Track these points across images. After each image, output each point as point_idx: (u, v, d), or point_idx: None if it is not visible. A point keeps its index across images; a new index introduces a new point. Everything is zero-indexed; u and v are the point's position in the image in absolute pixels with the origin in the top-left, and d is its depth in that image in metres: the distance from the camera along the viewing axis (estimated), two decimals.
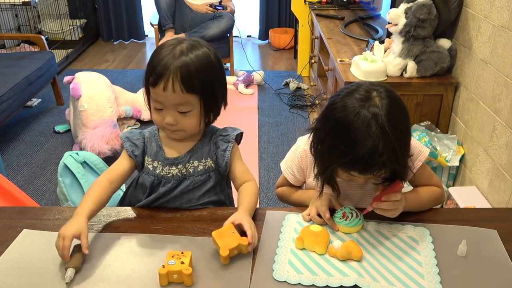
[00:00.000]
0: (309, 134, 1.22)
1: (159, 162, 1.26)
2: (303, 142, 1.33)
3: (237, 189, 1.31)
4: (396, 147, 1.06)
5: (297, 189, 1.42)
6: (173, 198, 1.27)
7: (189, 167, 1.26)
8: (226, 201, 1.37)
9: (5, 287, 1.02)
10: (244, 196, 1.25)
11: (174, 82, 1.13)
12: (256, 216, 1.23)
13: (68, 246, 1.04)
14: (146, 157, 1.27)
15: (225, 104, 1.27)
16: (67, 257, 1.05)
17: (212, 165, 1.28)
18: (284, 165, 1.39)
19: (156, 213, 1.25)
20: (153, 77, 1.14)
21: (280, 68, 4.68)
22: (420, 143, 1.32)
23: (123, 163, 1.28)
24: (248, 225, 1.10)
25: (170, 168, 1.25)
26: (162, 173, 1.26)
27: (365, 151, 1.04)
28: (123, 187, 2.63)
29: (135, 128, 1.30)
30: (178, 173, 1.26)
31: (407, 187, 1.34)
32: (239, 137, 1.31)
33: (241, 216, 1.13)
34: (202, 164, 1.27)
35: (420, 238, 1.16)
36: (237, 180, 1.31)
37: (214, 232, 1.08)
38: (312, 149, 1.20)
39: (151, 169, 1.27)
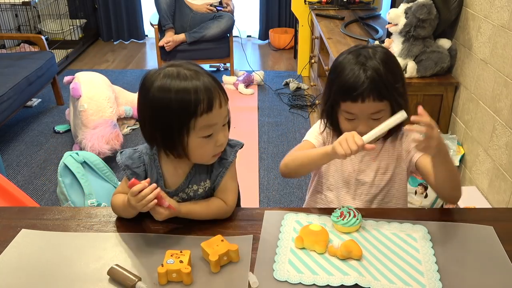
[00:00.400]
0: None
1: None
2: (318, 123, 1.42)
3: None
4: (383, 72, 1.20)
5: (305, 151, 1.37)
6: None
7: (189, 191, 1.23)
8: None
9: (4, 287, 1.02)
10: (200, 201, 1.22)
11: (220, 96, 1.13)
12: (255, 216, 1.23)
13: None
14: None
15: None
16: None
17: (210, 185, 1.24)
18: (311, 134, 1.44)
19: None
20: (204, 103, 1.08)
21: (280, 68, 4.68)
22: None
23: (125, 185, 1.20)
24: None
25: (171, 197, 1.20)
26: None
27: (354, 73, 1.21)
28: None
29: (136, 152, 1.22)
30: (179, 200, 1.23)
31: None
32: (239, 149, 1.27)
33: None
34: (201, 187, 1.23)
35: (418, 236, 1.16)
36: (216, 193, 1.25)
37: (203, 243, 1.07)
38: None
39: None
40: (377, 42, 2.56)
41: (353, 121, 1.26)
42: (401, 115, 1.16)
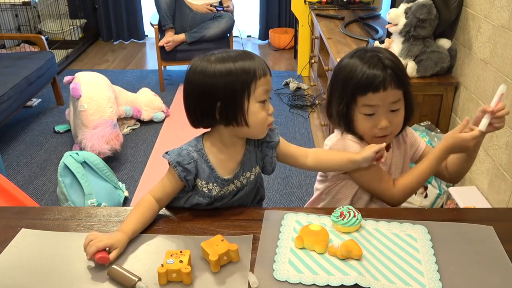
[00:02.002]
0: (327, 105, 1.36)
1: (215, 184, 1.23)
2: (339, 136, 1.36)
3: (309, 165, 1.34)
4: (397, 61, 1.26)
5: (414, 167, 1.36)
6: (223, 206, 1.28)
7: (243, 179, 1.27)
8: (262, 194, 1.41)
9: (4, 287, 1.02)
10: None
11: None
12: (255, 216, 1.23)
13: (94, 253, 1.06)
14: (198, 180, 1.22)
15: None
16: (89, 255, 1.07)
17: (259, 170, 1.31)
18: None
19: None
20: (260, 70, 1.18)
21: (280, 68, 4.68)
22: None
23: (172, 184, 1.22)
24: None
25: (228, 186, 1.24)
26: (219, 194, 1.24)
27: (371, 63, 1.23)
28: (124, 188, 2.64)
29: (183, 149, 1.22)
30: (234, 188, 1.26)
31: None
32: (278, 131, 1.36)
33: None
34: (253, 173, 1.28)
35: (418, 236, 1.16)
36: (298, 157, 1.34)
37: (203, 243, 1.07)
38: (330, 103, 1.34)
39: (207, 191, 1.23)
40: (377, 42, 2.56)
41: (372, 117, 1.26)
42: (502, 88, 1.23)
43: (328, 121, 1.40)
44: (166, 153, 1.23)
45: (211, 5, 4.19)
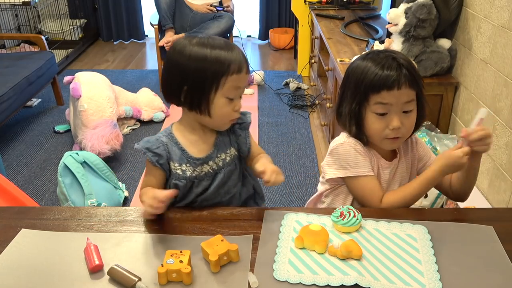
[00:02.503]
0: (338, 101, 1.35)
1: (187, 165, 1.24)
2: (343, 140, 1.34)
3: (252, 165, 1.33)
4: (410, 62, 1.25)
5: (402, 186, 1.34)
6: (210, 195, 1.28)
7: (218, 161, 1.28)
8: (259, 191, 1.42)
9: (4, 287, 1.02)
10: (262, 157, 1.33)
11: (247, 65, 1.23)
12: (255, 216, 1.23)
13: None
14: (171, 164, 1.25)
15: None
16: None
17: (236, 152, 1.32)
18: (355, 170, 1.31)
19: None
20: (235, 64, 1.18)
21: (280, 68, 4.68)
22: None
23: (152, 172, 1.26)
24: (271, 167, 1.20)
25: (202, 167, 1.26)
26: (193, 174, 1.25)
27: (386, 62, 1.22)
28: (124, 188, 2.64)
29: (152, 137, 1.27)
30: (210, 170, 1.27)
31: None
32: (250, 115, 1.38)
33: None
34: (228, 155, 1.30)
35: (418, 236, 1.16)
36: (253, 157, 1.34)
37: (203, 243, 1.07)
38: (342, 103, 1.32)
39: (180, 173, 1.24)
40: (377, 42, 2.56)
41: (384, 117, 1.24)
42: (482, 112, 1.23)
43: (337, 122, 1.37)
44: (137, 143, 1.27)
45: (211, 5, 4.19)
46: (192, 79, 1.18)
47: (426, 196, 2.23)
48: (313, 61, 4.02)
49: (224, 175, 1.28)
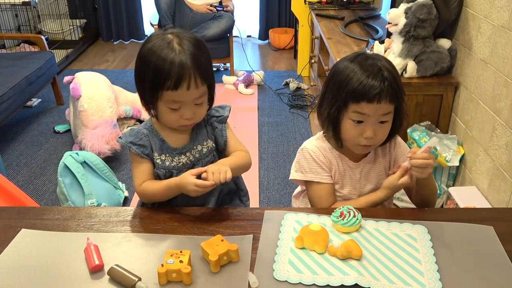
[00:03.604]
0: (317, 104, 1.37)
1: (167, 155, 1.28)
2: (307, 145, 1.39)
3: None
4: (396, 75, 1.24)
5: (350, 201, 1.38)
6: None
7: (195, 152, 1.30)
8: (243, 188, 1.44)
9: (4, 287, 1.02)
10: (229, 156, 1.31)
11: (196, 79, 1.16)
12: (255, 216, 1.23)
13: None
14: (153, 153, 1.29)
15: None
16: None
17: (213, 145, 1.33)
18: (308, 175, 1.36)
19: (156, 213, 1.25)
20: (171, 81, 1.14)
21: (280, 68, 4.68)
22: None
23: (144, 165, 1.28)
24: (212, 168, 1.16)
25: (180, 157, 1.29)
26: (172, 164, 1.28)
27: (371, 73, 1.21)
28: (124, 188, 2.64)
29: (128, 129, 1.32)
30: (187, 161, 1.30)
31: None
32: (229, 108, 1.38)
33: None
34: (205, 146, 1.32)
35: (418, 236, 1.16)
36: (231, 152, 1.34)
37: (203, 243, 1.07)
38: (323, 105, 1.32)
39: (160, 163, 1.28)
40: (377, 42, 2.56)
41: (360, 125, 1.26)
42: (434, 141, 1.27)
43: (318, 119, 1.40)
44: (120, 137, 1.29)
45: (211, 5, 4.19)
46: (138, 77, 1.22)
47: None
48: (313, 61, 4.02)
49: (202, 166, 1.25)
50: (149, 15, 4.39)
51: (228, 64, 4.42)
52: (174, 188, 1.22)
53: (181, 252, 1.05)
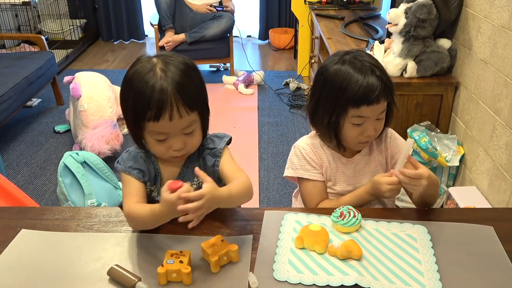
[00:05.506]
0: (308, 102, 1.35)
1: (156, 188, 1.23)
2: (299, 142, 1.40)
3: None
4: (383, 70, 1.25)
5: (339, 197, 1.38)
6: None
7: None
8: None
9: (4, 287, 1.02)
10: (228, 185, 1.16)
11: (179, 108, 1.05)
12: (255, 216, 1.23)
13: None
14: (148, 181, 1.23)
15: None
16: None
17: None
18: (298, 171, 1.37)
19: None
20: (152, 111, 1.04)
21: (280, 68, 4.68)
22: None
23: (136, 187, 1.17)
24: (200, 191, 1.00)
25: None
26: (157, 198, 1.23)
27: (365, 78, 1.21)
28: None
29: (131, 152, 1.21)
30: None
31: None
32: (227, 142, 1.25)
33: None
34: (195, 183, 1.23)
35: (418, 236, 1.16)
36: (228, 180, 1.20)
37: (203, 243, 1.07)
38: (314, 108, 1.31)
39: (148, 192, 1.23)
40: (377, 42, 2.56)
41: (361, 126, 1.27)
42: (411, 143, 1.26)
43: (309, 121, 1.39)
44: (117, 161, 1.21)
45: (211, 5, 4.19)
46: (122, 108, 1.13)
47: None
48: (313, 61, 4.02)
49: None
50: (149, 15, 4.39)
51: (228, 64, 4.42)
52: (158, 212, 1.09)
53: (181, 252, 1.05)
